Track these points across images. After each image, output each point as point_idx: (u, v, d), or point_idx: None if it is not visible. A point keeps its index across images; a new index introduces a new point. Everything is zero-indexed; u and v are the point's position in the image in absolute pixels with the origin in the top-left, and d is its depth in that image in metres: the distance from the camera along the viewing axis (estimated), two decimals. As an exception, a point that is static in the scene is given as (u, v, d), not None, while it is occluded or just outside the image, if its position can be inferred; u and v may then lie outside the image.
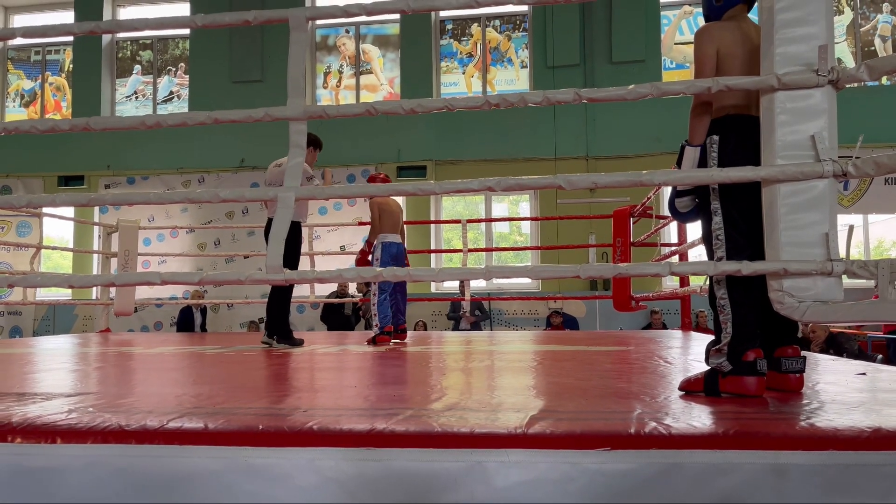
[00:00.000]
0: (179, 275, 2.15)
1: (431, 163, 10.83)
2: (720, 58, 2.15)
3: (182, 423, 1.58)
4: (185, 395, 2.16)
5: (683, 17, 11.02)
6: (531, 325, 10.46)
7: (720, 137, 2.12)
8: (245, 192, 2.20)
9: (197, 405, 1.90)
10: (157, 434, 1.52)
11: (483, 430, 1.48)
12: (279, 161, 4.72)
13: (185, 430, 1.54)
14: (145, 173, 11.40)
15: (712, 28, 2.22)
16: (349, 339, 5.69)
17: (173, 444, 1.50)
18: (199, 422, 1.59)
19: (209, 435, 1.51)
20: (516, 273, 2.09)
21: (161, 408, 1.85)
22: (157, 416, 1.65)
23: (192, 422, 1.59)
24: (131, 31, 2.30)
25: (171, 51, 12.25)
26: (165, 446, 1.50)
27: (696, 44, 2.23)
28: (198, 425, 1.56)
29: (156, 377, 2.97)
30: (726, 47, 2.16)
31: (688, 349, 4.19)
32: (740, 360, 2.00)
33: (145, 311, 10.88)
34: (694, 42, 2.26)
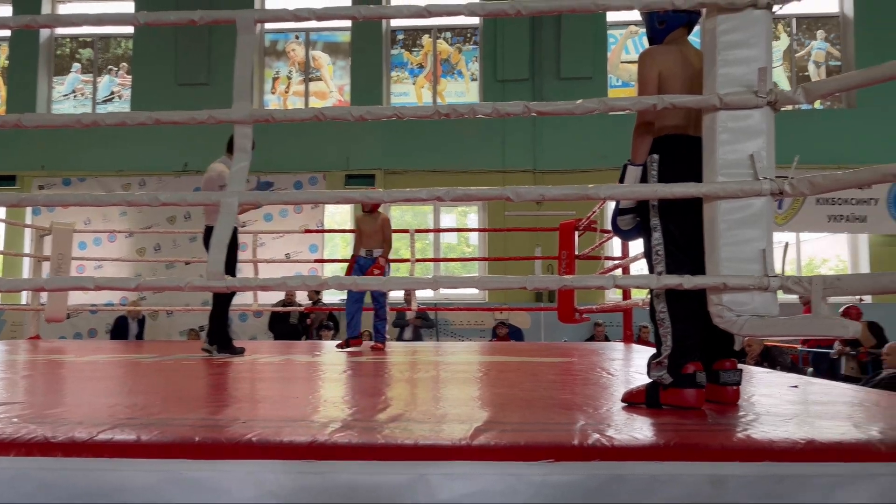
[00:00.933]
0: (115, 280, 2.07)
1: (380, 172, 10.79)
2: (662, 79, 2.22)
3: (113, 434, 1.52)
4: (117, 406, 2.08)
5: (629, 36, 11.30)
6: (477, 336, 10.49)
7: (660, 157, 2.20)
8: (187, 197, 2.13)
9: (130, 416, 1.83)
10: (85, 446, 1.46)
11: (427, 442, 1.46)
12: (212, 165, 4.72)
13: (116, 442, 1.47)
14: (82, 174, 11.01)
15: (654, 51, 2.31)
16: (295, 349, 5.59)
17: (103, 458, 1.44)
18: (131, 433, 1.52)
19: (142, 447, 1.45)
20: (464, 284, 2.08)
21: (91, 419, 1.77)
22: (86, 428, 1.58)
23: (124, 433, 1.53)
24: (71, 27, 2.22)
25: (112, 50, 11.91)
26: (95, 459, 1.44)
27: (640, 66, 2.30)
28: (130, 437, 1.50)
29: (87, 387, 2.85)
30: (668, 70, 2.24)
31: (629, 361, 4.26)
32: (680, 373, 2.05)
33: (79, 317, 10.48)
34: (637, 65, 2.34)
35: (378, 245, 5.29)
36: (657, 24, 2.37)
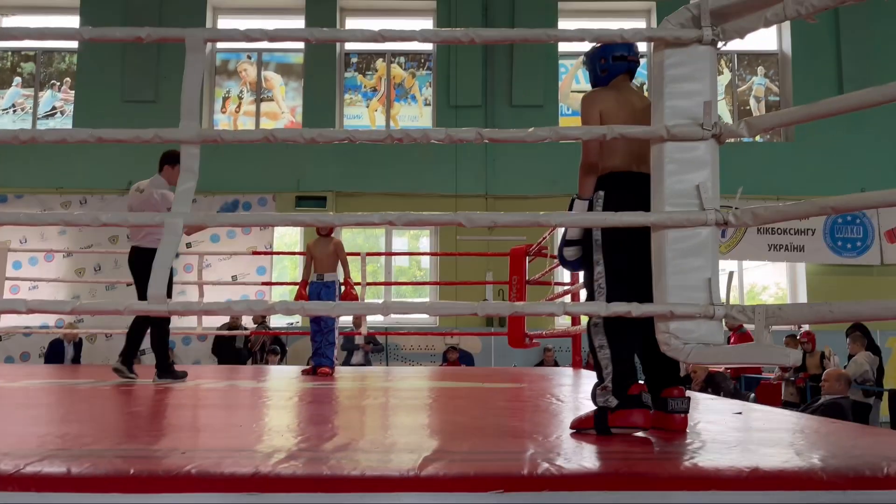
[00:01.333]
0: (49, 303, 1.98)
1: (332, 194, 10.71)
2: (603, 118, 2.34)
3: (42, 466, 1.43)
4: (48, 436, 1.98)
5: (580, 66, 11.56)
6: (427, 361, 10.43)
7: (605, 193, 2.32)
8: (129, 217, 2.07)
9: (61, 447, 1.74)
10: (11, 479, 1.37)
11: (374, 473, 1.43)
12: (140, 184, 4.54)
13: (44, 475, 1.39)
14: (19, 191, 10.61)
15: (595, 94, 2.45)
16: (239, 374, 5.45)
17: (30, 491, 1.35)
18: (61, 465, 1.44)
19: (72, 481, 1.37)
20: (415, 309, 2.06)
21: (19, 450, 1.68)
22: (12, 460, 1.49)
23: (53, 465, 1.45)
24: (12, 41, 2.14)
25: (56, 64, 11.59)
26: (21, 493, 1.35)
27: (582, 108, 2.43)
28: (60, 469, 1.42)
29: (17, 414, 2.71)
30: (608, 109, 2.36)
31: (578, 387, 4.28)
32: (626, 395, 2.11)
33: (10, 340, 10.02)
34: (580, 106, 2.46)
35: (331, 269, 5.21)
36: (600, 73, 2.52)
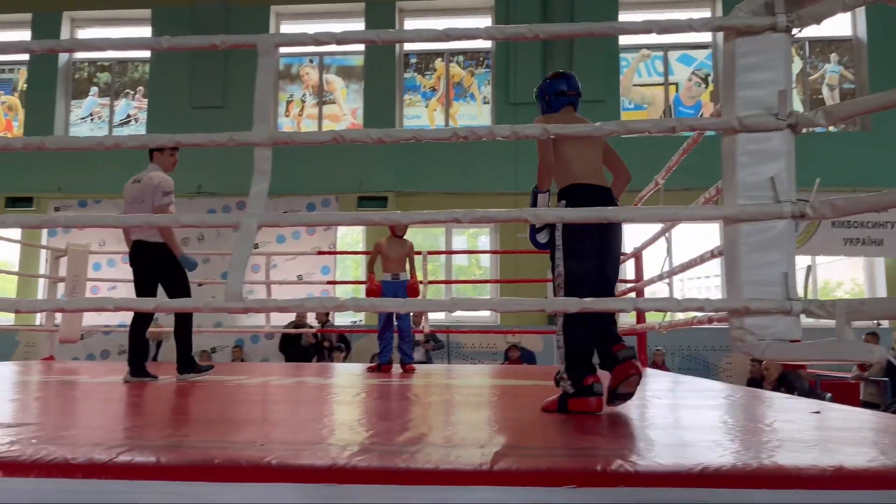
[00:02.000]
0: (134, 301, 2.07)
1: (392, 194, 10.83)
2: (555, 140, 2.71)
3: (132, 456, 1.51)
4: (133, 427, 2.08)
5: (641, 59, 11.36)
6: (489, 359, 10.43)
7: (566, 202, 2.63)
8: (206, 218, 2.15)
9: (148, 438, 1.82)
10: (105, 468, 1.45)
11: (447, 467, 1.45)
12: (137, 176, 4.39)
13: (135, 464, 1.46)
14: (98, 197, 11.12)
15: (545, 118, 2.86)
16: (306, 371, 5.57)
17: (123, 479, 1.43)
18: (150, 455, 1.52)
19: (161, 469, 1.44)
20: (481, 306, 2.07)
21: (110, 440, 1.77)
22: (105, 450, 1.57)
23: (143, 455, 1.52)
24: (93, 52, 2.25)
25: (129, 73, 12.08)
26: (114, 481, 1.43)
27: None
28: (149, 459, 1.49)
29: (103, 408, 2.85)
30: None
31: (644, 385, 4.21)
32: (581, 385, 2.48)
33: (92, 338, 10.53)
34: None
35: (403, 269, 5.32)
36: (546, 107, 2.94)
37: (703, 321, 2.94)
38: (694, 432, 2.05)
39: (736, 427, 2.24)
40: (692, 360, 10.34)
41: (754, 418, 2.53)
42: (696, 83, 11.26)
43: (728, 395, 3.43)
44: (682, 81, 11.30)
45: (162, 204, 4.15)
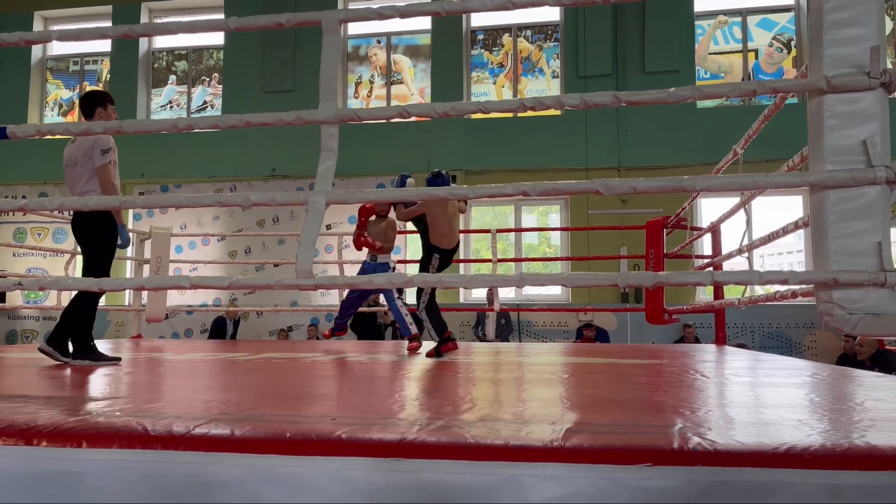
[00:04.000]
0: (209, 279, 2.12)
1: (461, 172, 10.80)
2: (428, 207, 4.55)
3: (209, 429, 1.55)
4: (213, 402, 2.14)
5: (718, 26, 10.88)
6: (560, 338, 10.34)
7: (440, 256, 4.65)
8: (276, 197, 2.17)
9: (224, 411, 1.87)
10: (183, 440, 1.49)
11: (518, 443, 1.42)
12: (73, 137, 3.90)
13: (211, 436, 1.50)
14: (178, 181, 11.55)
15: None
16: (379, 349, 5.65)
17: (199, 451, 1.46)
18: (225, 428, 1.55)
19: (236, 442, 1.47)
20: (550, 281, 2.02)
21: (188, 413, 1.82)
22: (183, 422, 1.62)
23: (218, 428, 1.56)
24: (165, 34, 2.30)
25: (205, 61, 12.43)
26: (191, 452, 1.47)
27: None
28: (224, 431, 1.52)
29: (185, 383, 2.95)
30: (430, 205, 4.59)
31: (723, 363, 4.07)
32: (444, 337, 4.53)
33: (176, 317, 10.99)
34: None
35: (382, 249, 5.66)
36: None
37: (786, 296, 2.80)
38: (777, 411, 1.95)
39: (823, 406, 2.13)
40: (773, 339, 9.95)
41: (843, 397, 2.40)
42: (778, 48, 10.71)
43: (814, 374, 3.28)
44: (763, 48, 10.77)
45: (103, 163, 3.77)
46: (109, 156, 3.80)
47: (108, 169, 3.79)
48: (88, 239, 3.90)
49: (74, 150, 3.89)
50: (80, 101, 3.97)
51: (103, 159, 3.78)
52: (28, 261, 11.73)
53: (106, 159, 3.78)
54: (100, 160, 3.78)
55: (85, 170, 3.82)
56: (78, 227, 3.94)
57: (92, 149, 3.78)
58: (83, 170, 3.83)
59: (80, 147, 3.84)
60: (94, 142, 3.77)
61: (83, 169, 3.83)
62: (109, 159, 3.80)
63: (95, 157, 3.78)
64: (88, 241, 3.91)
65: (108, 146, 3.81)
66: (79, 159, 3.85)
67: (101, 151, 3.77)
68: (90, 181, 3.82)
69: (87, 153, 3.81)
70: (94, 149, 3.78)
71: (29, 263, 11.70)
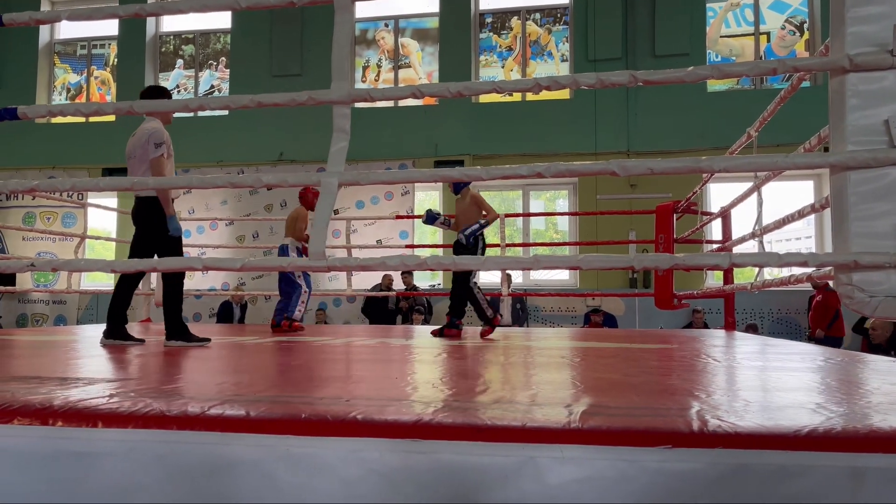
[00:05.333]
0: (221, 260, 2.12)
1: (469, 157, 10.76)
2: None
3: (223, 409, 1.54)
4: (225, 383, 2.13)
5: (730, 9, 10.75)
6: (568, 323, 10.33)
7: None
8: (287, 178, 2.15)
9: (237, 393, 1.87)
10: (198, 420, 1.49)
11: (535, 424, 1.41)
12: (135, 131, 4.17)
13: (226, 416, 1.49)
14: (186, 166, 11.52)
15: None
16: (390, 333, 5.65)
17: (214, 431, 1.46)
18: (240, 409, 1.54)
19: (251, 422, 1.47)
20: (566, 264, 2.00)
21: (202, 395, 1.82)
22: (198, 403, 1.61)
23: (233, 409, 1.55)
24: (176, 13, 2.28)
25: (212, 45, 12.38)
26: (207, 433, 1.46)
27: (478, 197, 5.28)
28: (239, 412, 1.52)
29: (196, 365, 2.95)
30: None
31: (733, 347, 4.06)
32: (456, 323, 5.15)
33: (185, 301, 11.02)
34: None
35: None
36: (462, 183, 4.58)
37: (801, 279, 2.77)
38: (794, 394, 1.93)
39: (840, 389, 2.11)
40: (783, 324, 9.92)
41: (859, 381, 2.38)
42: (790, 31, 10.59)
43: (827, 358, 3.25)
44: (775, 30, 10.65)
45: (156, 155, 3.93)
46: (162, 149, 3.96)
47: (160, 161, 3.95)
48: (151, 230, 4.08)
49: (133, 143, 4.07)
50: (142, 95, 4.13)
51: (156, 152, 3.95)
52: (37, 245, 11.78)
53: (159, 152, 3.95)
54: (153, 153, 3.95)
55: (142, 162, 3.99)
56: (138, 219, 4.13)
57: (147, 142, 3.96)
58: (140, 162, 4.00)
59: (138, 140, 4.02)
60: (150, 135, 3.96)
61: (140, 161, 4.00)
62: (162, 152, 3.96)
63: (150, 150, 3.95)
64: (151, 232, 4.08)
65: (162, 140, 3.98)
66: (136, 152, 4.02)
67: (154, 145, 3.95)
68: (145, 173, 3.98)
69: (143, 146, 3.98)
70: (149, 142, 3.96)
71: (38, 248, 11.75)
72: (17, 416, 1.54)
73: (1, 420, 1.54)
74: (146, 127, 4.07)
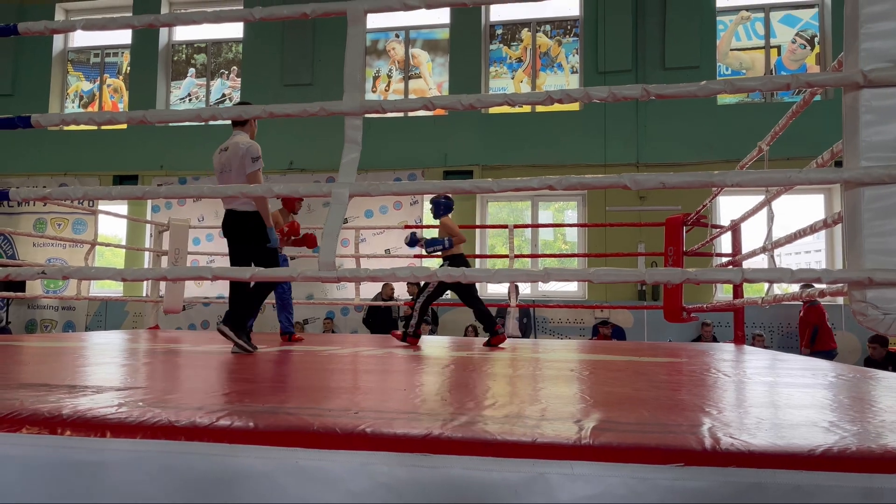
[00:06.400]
0: (231, 270, 2.12)
1: (478, 168, 10.77)
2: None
3: (232, 420, 1.54)
4: (232, 393, 2.13)
5: (741, 22, 10.76)
6: (576, 334, 10.29)
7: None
8: (299, 188, 2.15)
9: (245, 403, 1.86)
10: (207, 431, 1.48)
11: (546, 440, 1.40)
12: (223, 145, 4.29)
13: (235, 428, 1.49)
14: (196, 174, 11.60)
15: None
16: (393, 343, 5.64)
17: (223, 443, 1.45)
18: (249, 420, 1.54)
19: (260, 434, 1.46)
20: (576, 277, 1.99)
21: (209, 405, 1.82)
22: (206, 413, 1.61)
23: (242, 420, 1.54)
24: (189, 24, 2.29)
25: (224, 54, 12.47)
26: (215, 444, 1.46)
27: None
28: (248, 424, 1.51)
29: (203, 374, 2.95)
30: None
31: (742, 362, 4.02)
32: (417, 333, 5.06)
33: (193, 309, 11.04)
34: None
35: None
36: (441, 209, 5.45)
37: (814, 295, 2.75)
38: (805, 412, 1.91)
39: (853, 407, 2.09)
40: (792, 339, 9.85)
41: (872, 399, 2.35)
42: (801, 45, 10.58)
43: (838, 374, 3.22)
44: (785, 44, 10.64)
45: (253, 169, 4.05)
46: (259, 163, 4.10)
47: (258, 175, 4.10)
48: (252, 242, 4.17)
49: (228, 157, 4.15)
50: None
51: (254, 166, 4.07)
52: (47, 251, 11.85)
53: (256, 166, 4.08)
54: (251, 167, 4.07)
55: (238, 176, 4.08)
56: (234, 230, 4.22)
57: (245, 156, 4.07)
58: (237, 176, 4.09)
59: (234, 155, 4.11)
60: (247, 150, 4.07)
61: (237, 175, 4.09)
62: (259, 166, 4.10)
63: (247, 164, 4.06)
64: (252, 243, 4.18)
65: (258, 154, 4.12)
66: (233, 166, 4.10)
67: (251, 159, 4.07)
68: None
69: (240, 160, 4.07)
70: (246, 156, 4.07)
71: (48, 254, 11.81)
72: (26, 424, 1.54)
73: (10, 429, 1.54)
74: (240, 142, 4.15)
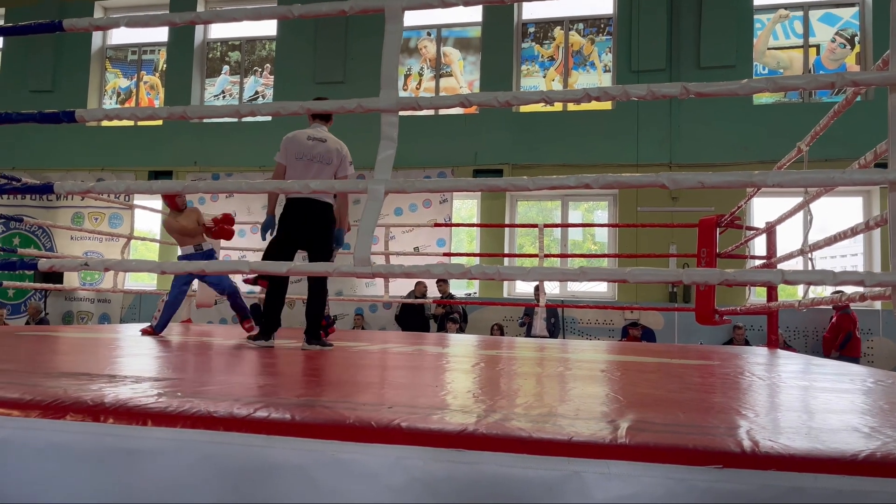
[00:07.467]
0: (267, 264, 2.14)
1: (508, 166, 10.74)
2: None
3: (269, 412, 1.56)
4: (266, 385, 2.15)
5: (779, 20, 10.57)
6: (605, 335, 10.22)
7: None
8: (334, 184, 2.17)
9: (280, 395, 1.88)
10: (244, 422, 1.50)
11: (581, 439, 1.39)
12: (313, 134, 4.17)
13: (272, 419, 1.51)
14: (229, 170, 11.75)
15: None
16: (424, 340, 5.66)
17: (260, 434, 1.47)
18: (285, 412, 1.56)
19: (297, 426, 1.48)
20: (612, 277, 1.98)
21: (246, 396, 1.84)
22: (244, 405, 1.63)
23: (279, 412, 1.56)
24: (229, 21, 2.32)
25: (258, 52, 12.60)
26: (253, 435, 1.48)
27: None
28: (285, 416, 1.53)
29: (238, 367, 2.99)
30: None
31: (776, 366, 3.96)
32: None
33: (224, 304, 11.18)
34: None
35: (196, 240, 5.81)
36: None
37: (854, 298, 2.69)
38: (845, 416, 1.88)
39: (893, 413, 2.04)
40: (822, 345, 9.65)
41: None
42: (840, 44, 10.36)
43: (877, 380, 3.16)
44: (824, 43, 10.43)
45: (348, 174, 4.14)
46: (353, 169, 4.23)
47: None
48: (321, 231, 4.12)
49: (328, 150, 4.13)
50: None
51: (350, 170, 4.19)
52: (84, 244, 12.09)
53: (352, 171, 4.21)
54: (350, 170, 4.18)
55: (336, 172, 4.11)
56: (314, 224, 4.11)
57: (345, 158, 4.16)
58: (334, 171, 4.10)
59: (336, 152, 4.14)
60: (347, 153, 4.17)
61: (335, 170, 4.11)
62: (352, 172, 4.21)
63: (346, 167, 4.16)
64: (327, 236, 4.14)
65: (351, 159, 4.23)
66: (333, 160, 4.12)
67: (349, 162, 4.18)
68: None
69: (341, 160, 4.14)
70: (346, 159, 4.16)
71: (85, 247, 12.06)
72: (70, 411, 1.58)
73: (54, 415, 1.58)
74: (335, 139, 4.20)
